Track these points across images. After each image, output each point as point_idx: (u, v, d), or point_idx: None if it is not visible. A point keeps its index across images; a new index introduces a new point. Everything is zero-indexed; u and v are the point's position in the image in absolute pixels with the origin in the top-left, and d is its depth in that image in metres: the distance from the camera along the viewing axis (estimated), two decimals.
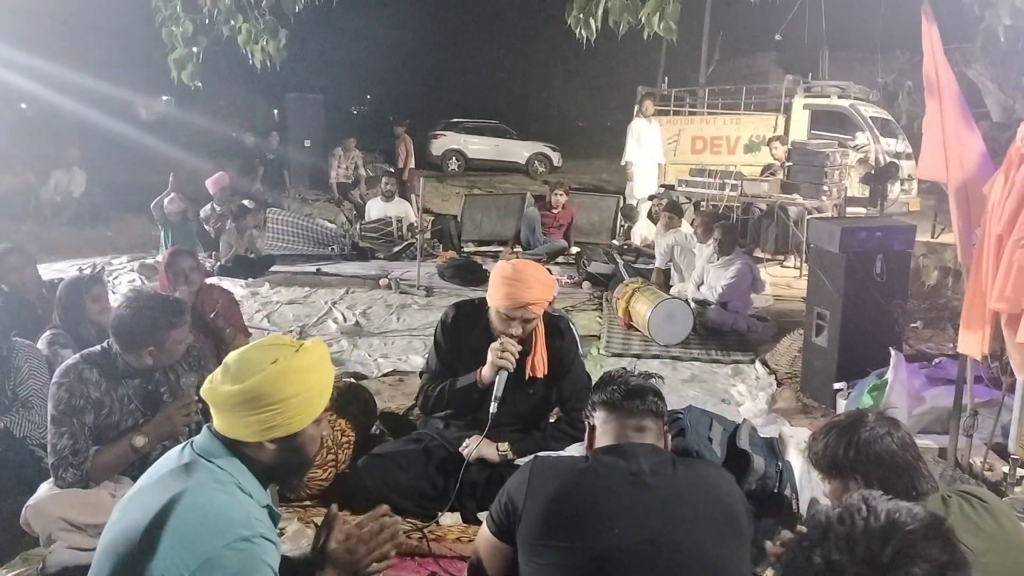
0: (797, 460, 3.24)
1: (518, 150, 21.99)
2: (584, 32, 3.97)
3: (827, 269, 4.73)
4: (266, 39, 4.55)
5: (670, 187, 10.70)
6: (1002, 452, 3.63)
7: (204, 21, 4.52)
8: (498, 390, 3.09)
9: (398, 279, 7.95)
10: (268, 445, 1.77)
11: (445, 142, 21.29)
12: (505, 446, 3.23)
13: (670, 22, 3.77)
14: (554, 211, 9.80)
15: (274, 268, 8.64)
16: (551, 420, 3.54)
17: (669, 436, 2.18)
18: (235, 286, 7.31)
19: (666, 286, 7.22)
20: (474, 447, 3.19)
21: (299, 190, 15.52)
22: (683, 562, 1.87)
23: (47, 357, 3.55)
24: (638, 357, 5.75)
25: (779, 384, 5.17)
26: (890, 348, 4.13)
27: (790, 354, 5.57)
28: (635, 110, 11.27)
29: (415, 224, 9.47)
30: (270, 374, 1.73)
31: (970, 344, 3.24)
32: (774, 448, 3.37)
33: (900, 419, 2.11)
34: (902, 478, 1.96)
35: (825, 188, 8.89)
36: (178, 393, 3.02)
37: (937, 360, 4.81)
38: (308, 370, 1.79)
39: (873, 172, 10.15)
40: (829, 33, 13.80)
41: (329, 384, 1.88)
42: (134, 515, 1.66)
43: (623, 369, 2.29)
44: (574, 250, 9.65)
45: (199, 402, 2.91)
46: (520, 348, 3.15)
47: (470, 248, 10.15)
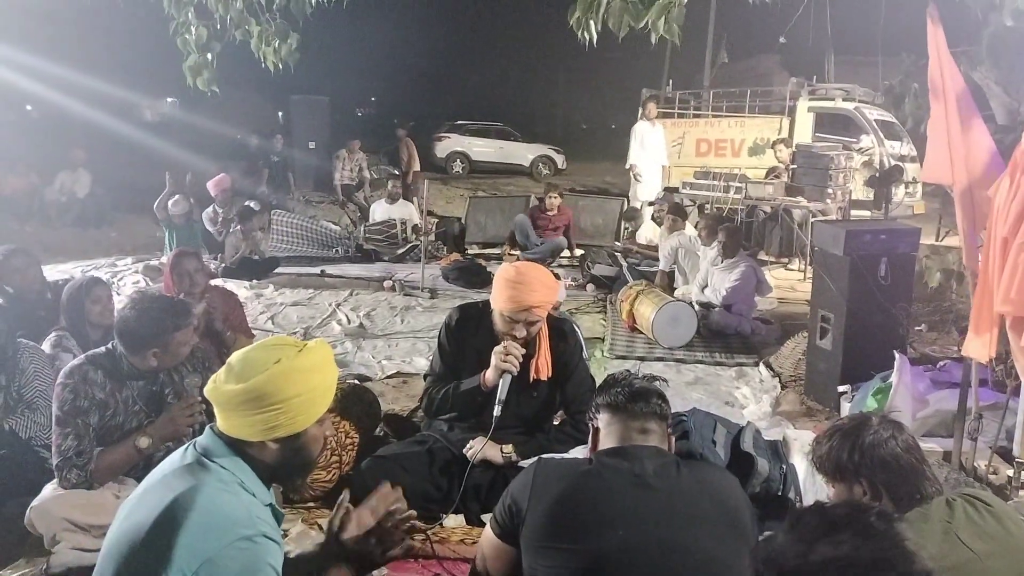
0: (801, 463, 3.23)
1: (522, 152, 21.96)
2: (586, 35, 3.97)
3: (831, 272, 4.72)
4: (277, 42, 4.57)
5: (674, 190, 10.70)
6: (1006, 455, 3.62)
7: (216, 27, 4.53)
8: (501, 393, 3.09)
9: (402, 281, 7.96)
10: (271, 445, 1.78)
11: (449, 144, 21.27)
12: (509, 448, 3.23)
13: (675, 25, 3.77)
14: (549, 213, 9.71)
15: (278, 270, 8.66)
16: (555, 423, 3.54)
17: (673, 438, 2.18)
18: (239, 288, 7.32)
19: (670, 289, 7.22)
20: (478, 449, 3.19)
21: (303, 192, 15.53)
22: (686, 564, 1.86)
23: (51, 359, 3.56)
24: (642, 359, 5.75)
25: (783, 387, 5.16)
26: (894, 351, 4.12)
27: (794, 357, 5.56)
28: (639, 113, 11.28)
29: (419, 226, 9.48)
30: (273, 374, 1.73)
31: (976, 347, 3.23)
32: (778, 451, 3.37)
33: (904, 422, 2.10)
34: (906, 481, 1.95)
35: (829, 191, 8.88)
36: (182, 394, 3.03)
37: (941, 363, 4.81)
38: (311, 370, 1.80)
39: (877, 175, 10.16)
40: (834, 36, 13.79)
41: (332, 385, 1.89)
42: (138, 515, 1.66)
43: (627, 371, 2.29)
44: (578, 252, 9.64)
45: (202, 403, 2.92)
46: (524, 351, 3.15)
47: (474, 250, 10.16)
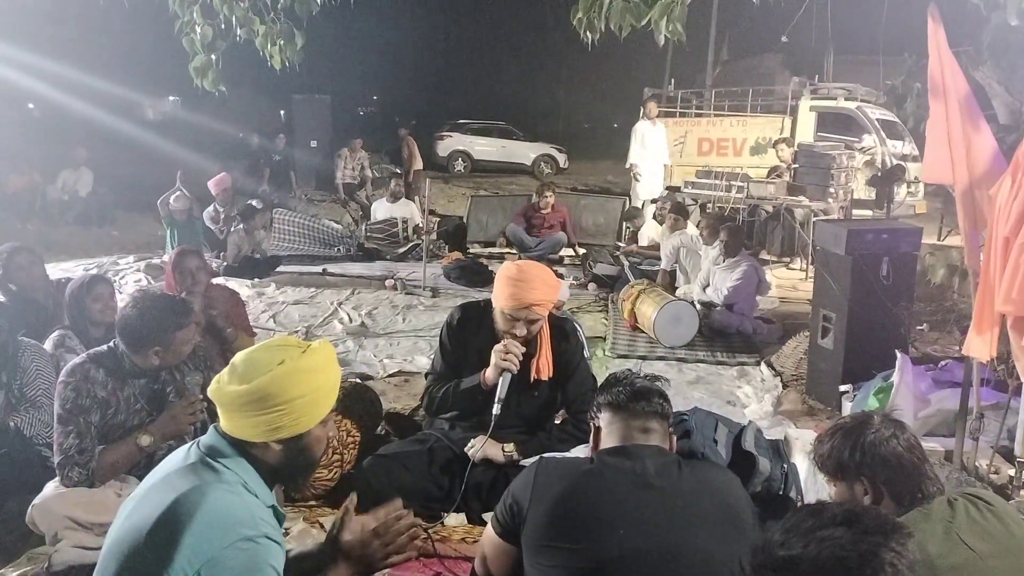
0: (803, 462, 3.23)
1: (524, 151, 21.95)
2: (588, 34, 3.97)
3: (833, 271, 4.72)
4: (282, 42, 4.56)
5: (676, 189, 10.69)
6: (1008, 455, 3.62)
7: (221, 26, 4.53)
8: (501, 391, 3.09)
9: (404, 280, 7.96)
10: (274, 446, 1.78)
11: (451, 143, 21.28)
12: (510, 447, 3.23)
13: (677, 24, 3.76)
14: (543, 212, 9.68)
15: (280, 268, 8.66)
16: (557, 422, 3.54)
17: (674, 438, 2.18)
18: (241, 286, 7.33)
19: (671, 288, 7.21)
20: (479, 448, 3.19)
21: (305, 191, 15.54)
22: (688, 564, 1.87)
23: (53, 357, 3.56)
24: (643, 359, 5.76)
25: (785, 386, 5.16)
26: (896, 350, 4.12)
27: (796, 356, 5.56)
28: (641, 112, 11.27)
29: (421, 225, 9.48)
30: (277, 375, 1.73)
31: (977, 347, 3.23)
32: (779, 450, 3.37)
33: (906, 422, 2.10)
34: (908, 481, 1.95)
35: (831, 190, 8.88)
36: (184, 393, 3.02)
37: (943, 363, 4.80)
38: (315, 371, 1.80)
39: (879, 174, 10.14)
40: (836, 35, 13.77)
41: (336, 385, 1.89)
42: (140, 514, 1.66)
43: (628, 371, 2.29)
44: (580, 251, 9.63)
45: (204, 401, 2.92)
46: (524, 350, 3.15)
47: (476, 249, 10.16)
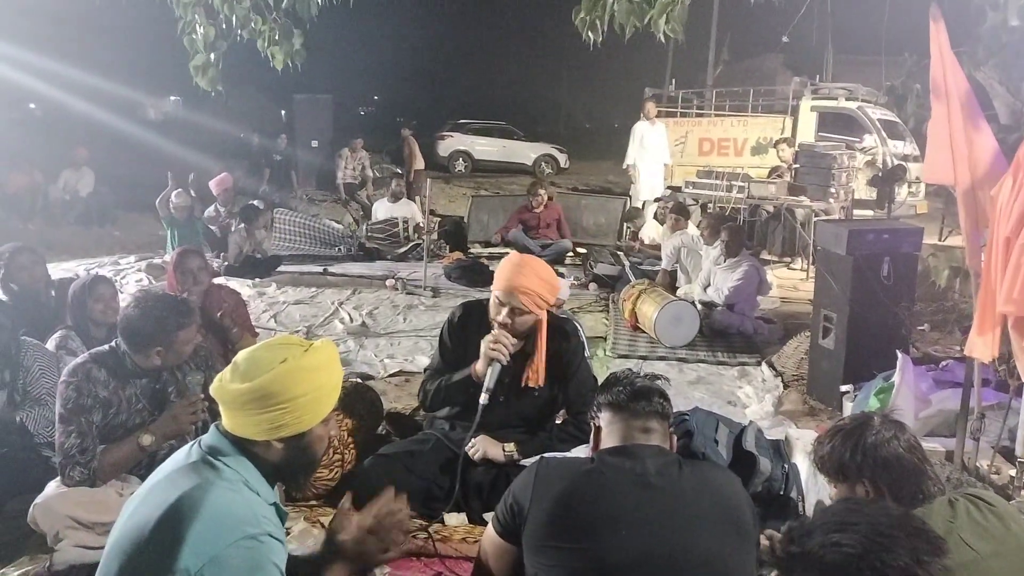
0: (803, 462, 3.23)
1: (525, 151, 21.96)
2: (591, 34, 3.98)
3: (834, 271, 4.72)
4: (284, 42, 4.57)
5: (677, 189, 10.69)
6: (1009, 455, 3.62)
7: (222, 26, 4.53)
8: (490, 381, 3.09)
9: (404, 280, 7.96)
10: (276, 444, 1.78)
11: (452, 143, 21.28)
12: (511, 447, 3.23)
13: (676, 24, 3.77)
14: (536, 211, 9.63)
15: (281, 268, 8.66)
16: (558, 422, 3.54)
17: (675, 438, 2.18)
18: (242, 286, 7.33)
19: (672, 288, 7.21)
20: (480, 448, 3.21)
21: (306, 190, 15.55)
22: (688, 564, 1.87)
23: (54, 358, 3.56)
24: (644, 359, 5.75)
25: (785, 386, 5.16)
26: (897, 351, 4.12)
27: (797, 356, 5.56)
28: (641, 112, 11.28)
29: (421, 225, 9.48)
30: (279, 373, 1.74)
31: (978, 347, 3.23)
32: (780, 450, 3.37)
33: (906, 422, 2.10)
34: (909, 481, 1.95)
35: (832, 190, 8.88)
36: (185, 392, 3.02)
37: (944, 363, 4.80)
38: (317, 370, 1.80)
39: (880, 174, 10.14)
40: (836, 35, 13.80)
41: (338, 384, 1.89)
42: (142, 513, 1.66)
43: (629, 370, 2.29)
44: (580, 251, 9.63)
45: (205, 401, 2.92)
46: (515, 341, 3.15)
47: (477, 249, 10.16)
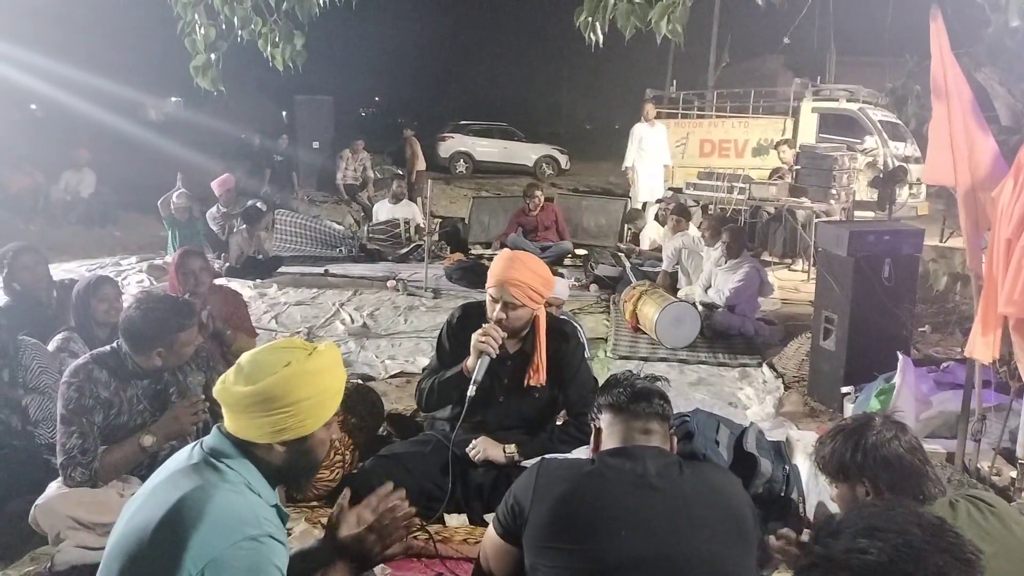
0: (804, 464, 3.24)
1: (526, 152, 21.98)
2: (592, 36, 3.98)
3: (835, 273, 4.72)
4: (284, 43, 4.57)
5: (678, 190, 10.69)
6: (1010, 457, 3.62)
7: (222, 27, 4.54)
8: (478, 374, 3.10)
9: (405, 281, 7.96)
10: (278, 447, 1.78)
11: (453, 144, 21.30)
12: (512, 448, 3.23)
13: (677, 25, 3.77)
14: (532, 214, 9.47)
15: (282, 269, 8.67)
16: (559, 423, 3.54)
17: (675, 439, 2.18)
18: (243, 287, 7.33)
19: (673, 289, 7.21)
20: (481, 449, 3.22)
21: (307, 191, 15.55)
22: (689, 565, 1.87)
23: (55, 359, 3.56)
24: (645, 360, 5.76)
25: (786, 388, 5.16)
26: (898, 352, 4.12)
27: (797, 358, 5.57)
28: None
29: (422, 226, 9.47)
30: (283, 376, 1.74)
31: (979, 348, 3.23)
32: (781, 452, 3.38)
33: (907, 423, 2.10)
34: (909, 482, 1.95)
35: (833, 192, 8.88)
36: (186, 393, 3.03)
37: (945, 364, 4.80)
38: (321, 373, 1.80)
39: (881, 176, 10.15)
40: (838, 37, 13.79)
41: (341, 388, 1.89)
42: (143, 514, 1.66)
43: (629, 372, 2.29)
44: (581, 252, 9.62)
45: (207, 402, 2.93)
46: (504, 334, 3.14)
47: (477, 250, 10.16)
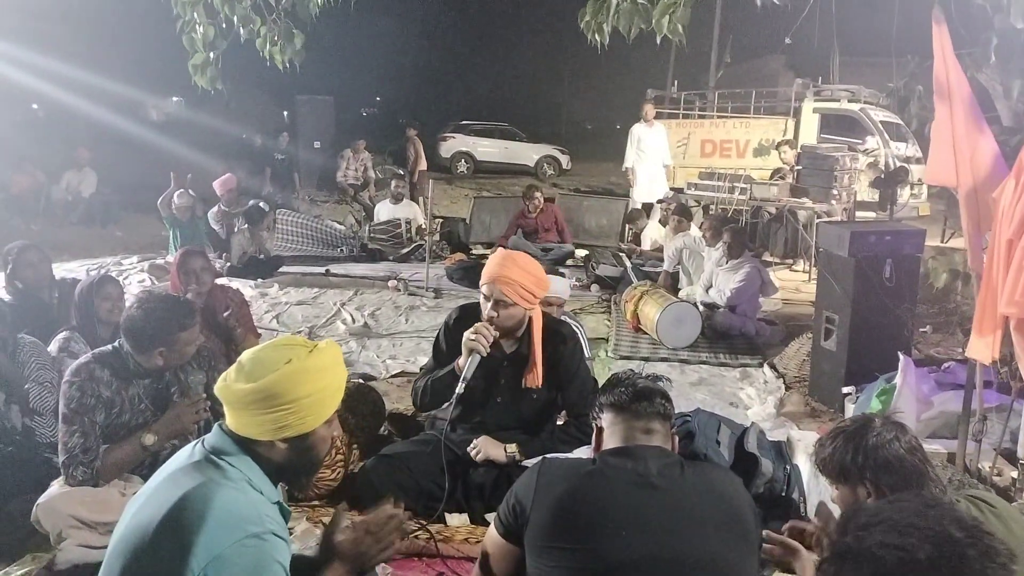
0: (805, 464, 3.24)
1: (527, 152, 21.97)
2: (597, 37, 3.98)
3: (836, 273, 4.72)
4: (283, 42, 4.58)
5: (679, 190, 10.69)
6: (1011, 457, 3.62)
7: (222, 25, 4.54)
8: (468, 372, 3.10)
9: (407, 281, 7.96)
10: (280, 444, 1.78)
11: (454, 144, 21.30)
12: (513, 448, 3.24)
13: (678, 25, 3.77)
14: (531, 216, 9.38)
15: (283, 269, 8.67)
16: (559, 423, 3.54)
17: (677, 439, 2.19)
18: (245, 287, 7.33)
19: (674, 289, 7.21)
20: (482, 449, 3.23)
21: (308, 191, 15.55)
22: (690, 565, 1.87)
23: (56, 360, 3.57)
24: (646, 360, 5.76)
25: (787, 388, 5.16)
26: (899, 352, 4.12)
27: (799, 358, 5.57)
28: None
29: (424, 226, 9.47)
30: (284, 374, 1.74)
31: (980, 348, 3.23)
32: (782, 452, 3.38)
33: (908, 424, 2.11)
34: (909, 483, 1.95)
35: (835, 192, 8.88)
36: (187, 392, 3.04)
37: (946, 365, 4.80)
38: (322, 370, 1.80)
39: (883, 176, 10.14)
40: (840, 37, 13.75)
41: (341, 385, 1.89)
42: (145, 512, 1.67)
43: (631, 371, 2.29)
44: (582, 252, 9.62)
45: (208, 400, 2.93)
46: (496, 333, 3.15)
47: (479, 250, 10.16)
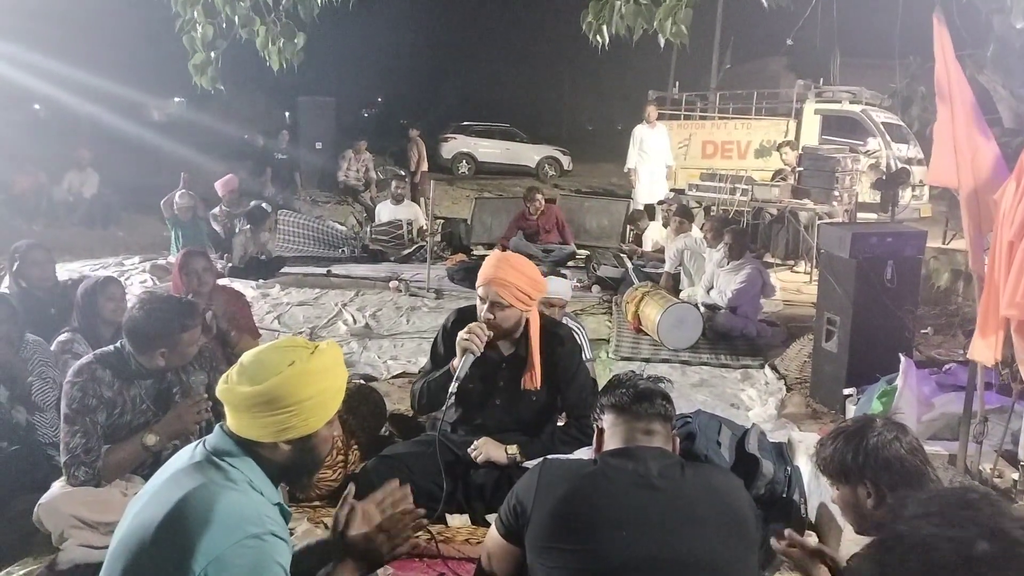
0: (806, 465, 3.24)
1: (528, 153, 21.99)
2: (599, 38, 3.98)
3: (838, 275, 4.72)
4: (283, 42, 4.58)
5: (680, 191, 10.70)
6: (1012, 459, 3.62)
7: (222, 25, 4.55)
8: (461, 371, 3.09)
9: (408, 281, 7.97)
10: (282, 446, 1.78)
11: (455, 145, 21.32)
12: (513, 448, 3.24)
13: (682, 27, 3.77)
14: (532, 218, 9.33)
15: (284, 270, 8.68)
16: (560, 424, 3.54)
17: (677, 440, 2.19)
18: (246, 287, 7.34)
19: (675, 290, 7.22)
20: (482, 450, 3.22)
21: (310, 192, 15.57)
22: (690, 566, 1.87)
23: (57, 361, 3.58)
24: (647, 361, 5.76)
25: (788, 389, 5.16)
26: (900, 354, 4.12)
27: (800, 359, 5.57)
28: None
29: (425, 227, 9.47)
30: (287, 376, 1.74)
31: (982, 350, 3.23)
32: (783, 453, 3.37)
33: (909, 425, 2.11)
34: (910, 484, 1.95)
35: (836, 193, 8.89)
36: (189, 393, 3.04)
37: (947, 366, 4.80)
38: (324, 372, 1.80)
39: (884, 178, 10.15)
40: (841, 38, 13.74)
41: (343, 386, 1.89)
42: (146, 513, 1.67)
43: (632, 372, 2.29)
44: (583, 253, 9.62)
45: (209, 401, 2.94)
46: (491, 333, 3.14)
47: (480, 251, 10.16)
